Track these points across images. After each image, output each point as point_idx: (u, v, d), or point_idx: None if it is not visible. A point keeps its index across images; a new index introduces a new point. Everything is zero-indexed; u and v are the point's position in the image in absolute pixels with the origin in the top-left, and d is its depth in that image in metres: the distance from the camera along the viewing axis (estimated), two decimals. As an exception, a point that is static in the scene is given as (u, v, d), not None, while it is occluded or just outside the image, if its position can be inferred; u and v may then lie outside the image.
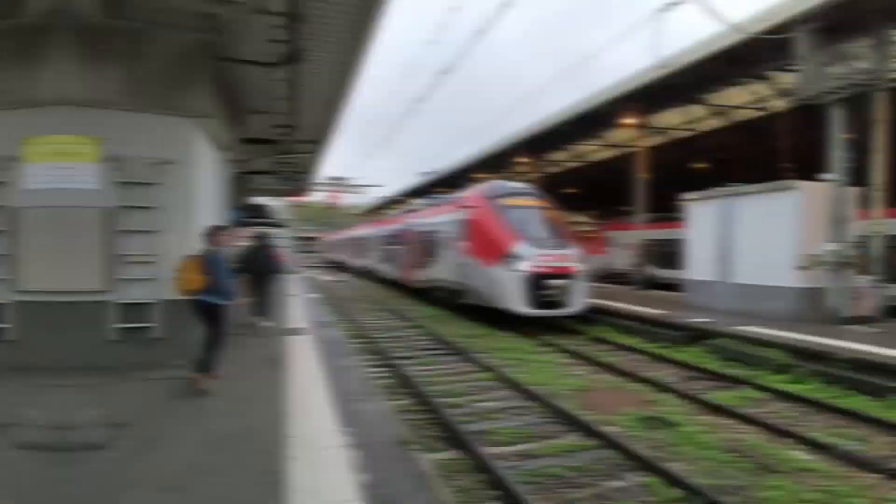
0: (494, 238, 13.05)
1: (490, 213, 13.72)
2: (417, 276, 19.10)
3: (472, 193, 15.57)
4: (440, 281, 16.31)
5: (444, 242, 15.95)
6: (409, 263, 20.73)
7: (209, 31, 6.97)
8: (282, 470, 3.86)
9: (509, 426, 6.05)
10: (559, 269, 12.41)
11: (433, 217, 17.84)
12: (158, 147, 6.80)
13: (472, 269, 13.60)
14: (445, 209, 16.74)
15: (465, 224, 14.41)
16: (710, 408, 6.77)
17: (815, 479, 4.75)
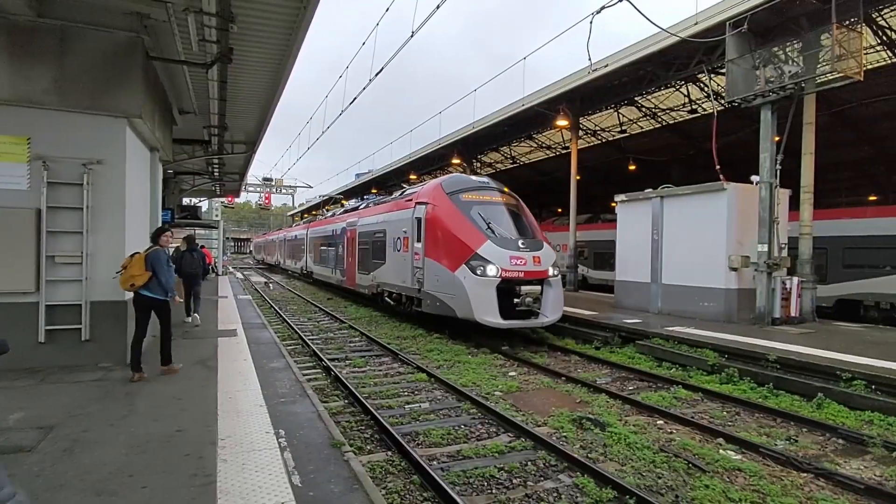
0: (457, 238, 11.24)
1: (450, 209, 11.86)
2: (363, 281, 17.25)
3: (427, 188, 13.39)
4: (391, 286, 14.56)
5: (395, 243, 14.18)
6: (352, 267, 18.79)
7: (139, 30, 6.83)
8: (212, 472, 3.92)
9: (442, 427, 6.18)
10: (532, 273, 11.01)
11: (381, 215, 15.88)
12: (87, 147, 6.65)
13: (431, 274, 11.94)
14: (396, 206, 14.72)
15: (420, 223, 12.52)
16: (642, 408, 6.97)
17: (744, 479, 4.91)
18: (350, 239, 19.15)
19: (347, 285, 19.56)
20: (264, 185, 48.36)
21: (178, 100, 10.71)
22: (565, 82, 16.73)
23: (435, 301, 11.81)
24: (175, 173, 18.42)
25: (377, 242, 15.80)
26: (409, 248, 13.16)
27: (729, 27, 11.20)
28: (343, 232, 20.25)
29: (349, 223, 19.51)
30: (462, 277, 10.85)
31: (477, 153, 26.46)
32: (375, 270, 15.86)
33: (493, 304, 10.55)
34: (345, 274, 19.79)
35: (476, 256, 10.83)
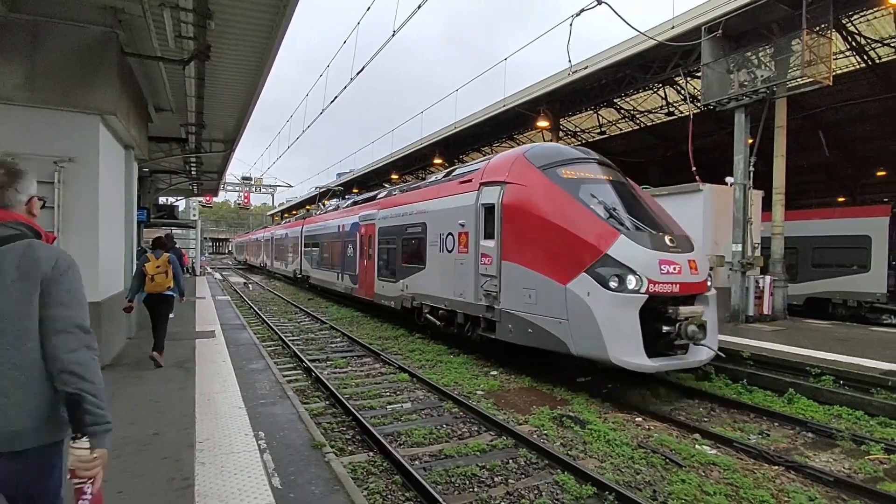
0: (568, 233, 7.60)
1: (550, 190, 8.23)
2: (386, 291, 13.57)
3: (499, 163, 9.61)
4: (436, 300, 10.89)
5: (443, 241, 10.66)
6: (368, 272, 15.04)
7: (113, 25, 6.69)
8: (190, 476, 3.87)
9: (424, 427, 6.18)
10: (690, 287, 7.41)
11: (417, 205, 12.23)
12: (59, 144, 6.48)
13: (516, 285, 8.38)
14: (443, 191, 11.19)
15: (493, 212, 8.96)
16: (621, 406, 7.10)
17: (719, 473, 5.04)
18: (365, 237, 15.42)
19: (361, 295, 15.67)
20: (243, 185, 47.79)
21: (154, 97, 10.51)
22: (546, 84, 16.88)
23: (523, 326, 8.14)
24: (151, 172, 18.05)
25: (411, 241, 12.30)
26: (468, 248, 9.63)
27: (704, 32, 11.47)
28: (354, 228, 16.50)
29: (364, 217, 15.73)
30: (582, 293, 7.11)
31: (459, 153, 26.51)
32: (408, 278, 12.23)
33: (635, 336, 6.82)
34: (356, 281, 16.00)
35: (606, 260, 7.11)
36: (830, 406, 6.92)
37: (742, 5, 10.69)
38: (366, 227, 15.50)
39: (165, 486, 3.69)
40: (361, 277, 15.70)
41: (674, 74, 15.29)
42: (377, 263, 14.44)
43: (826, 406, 6.95)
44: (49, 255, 1.84)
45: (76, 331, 1.81)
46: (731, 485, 4.80)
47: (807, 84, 10.78)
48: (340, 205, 21.59)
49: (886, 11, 12.87)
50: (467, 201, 9.91)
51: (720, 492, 4.61)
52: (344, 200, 23.44)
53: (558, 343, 7.52)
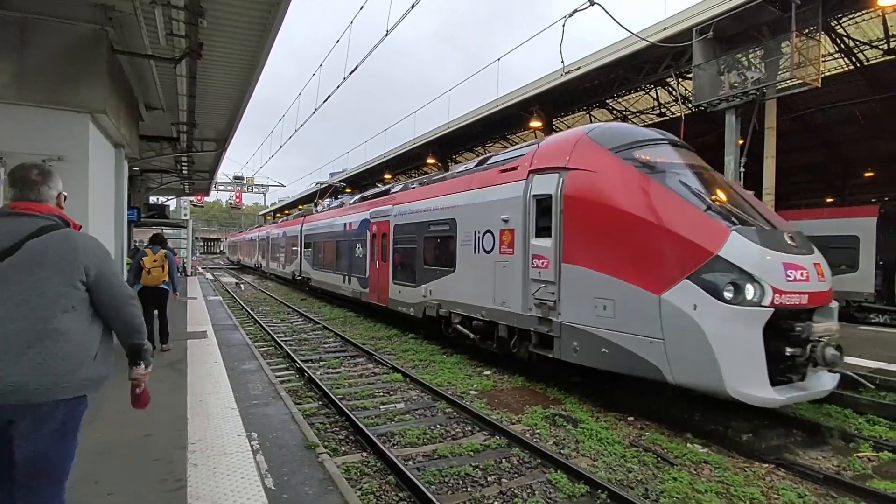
0: (663, 230, 6.07)
1: (633, 177, 6.73)
2: (404, 297, 12.06)
3: (557, 145, 8.05)
4: (470, 309, 9.32)
5: (479, 240, 9.11)
6: (381, 275, 13.45)
7: (103, 23, 6.63)
8: (182, 477, 3.84)
9: (417, 427, 6.18)
10: (819, 297, 6.00)
11: (444, 198, 10.54)
12: (48, 142, 6.41)
13: (585, 294, 6.88)
14: (478, 182, 9.50)
15: (552, 203, 7.45)
16: (613, 405, 7.04)
17: (710, 471, 5.07)
18: (377, 235, 13.87)
19: (372, 300, 14.11)
20: (235, 184, 47.58)
21: (145, 95, 10.42)
22: (538, 84, 16.91)
23: (595, 345, 6.67)
24: (142, 171, 17.92)
25: (435, 240, 10.89)
26: (514, 248, 8.16)
27: (695, 33, 11.55)
28: (364, 226, 14.99)
29: (376, 213, 14.13)
30: (685, 306, 5.65)
31: (452, 153, 26.51)
32: (431, 282, 10.80)
33: (758, 362, 5.44)
34: (366, 284, 14.53)
35: (716, 263, 5.64)
36: (819, 405, 6.99)
37: (733, 7, 10.78)
38: (378, 224, 13.86)
39: (157, 488, 3.66)
40: (373, 281, 14.02)
41: (665, 76, 15.38)
42: (392, 265, 12.79)
43: (815, 404, 7.02)
44: (86, 244, 2.32)
45: (133, 302, 2.46)
46: (722, 482, 4.84)
47: (796, 86, 10.89)
48: (346, 201, 19.79)
49: (874, 14, 13.03)
50: (512, 193, 8.33)
51: (711, 489, 4.66)
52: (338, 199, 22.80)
53: (648, 368, 6.01)
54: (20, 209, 2.27)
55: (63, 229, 2.29)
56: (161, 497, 3.55)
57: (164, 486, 3.69)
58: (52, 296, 2.15)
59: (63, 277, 2.19)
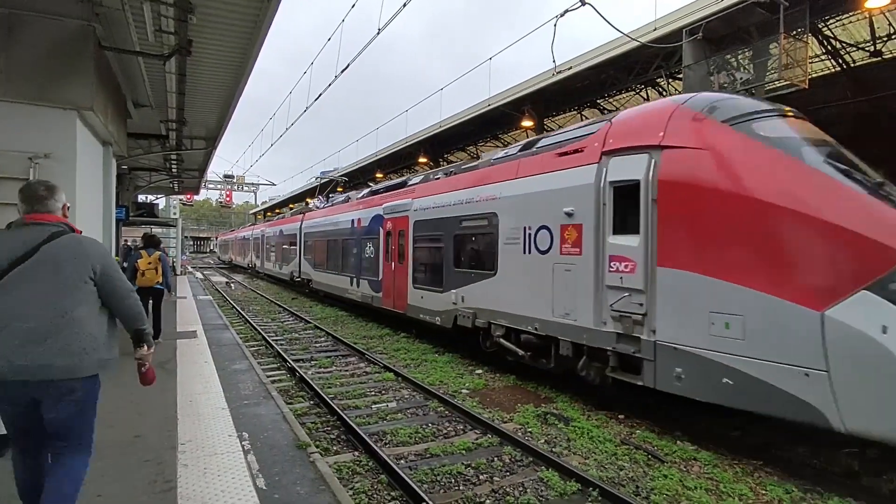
0: (827, 223, 4.74)
1: (766, 155, 5.43)
2: (430, 304, 10.59)
3: (639, 118, 6.71)
4: (518, 320, 7.96)
5: (529, 239, 7.77)
6: (398, 278, 12.09)
7: (90, 19, 6.53)
8: (172, 478, 3.81)
9: (409, 426, 6.18)
10: None
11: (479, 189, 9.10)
12: (34, 140, 6.31)
13: (700, 307, 5.46)
14: (534, 167, 7.93)
15: (641, 193, 6.07)
16: (605, 403, 7.05)
17: (699, 467, 5.15)
18: (393, 233, 12.49)
19: (386, 306, 12.74)
20: (225, 183, 47.22)
21: (133, 92, 10.29)
22: (530, 83, 16.96)
23: (712, 374, 5.31)
24: (130, 169, 17.70)
25: (470, 238, 9.56)
26: (581, 248, 6.78)
27: (685, 34, 11.64)
28: (376, 223, 13.57)
29: (391, 209, 12.70)
30: (867, 326, 4.37)
31: (444, 152, 26.51)
32: (465, 287, 9.39)
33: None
34: (379, 288, 13.12)
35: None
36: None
37: (722, 9, 10.87)
38: (394, 220, 12.45)
39: (147, 489, 3.63)
40: (387, 284, 12.63)
41: (656, 76, 15.49)
42: (412, 267, 11.42)
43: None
44: (91, 245, 2.79)
45: (133, 294, 2.91)
46: (712, 479, 4.91)
47: (784, 87, 11.01)
48: (352, 196, 18.18)
49: (861, 16, 13.20)
50: (577, 180, 6.94)
51: (701, 486, 4.71)
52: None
53: (799, 408, 4.65)
54: (33, 220, 2.71)
55: (70, 234, 2.73)
56: (151, 498, 3.52)
57: (154, 487, 3.66)
58: (67, 291, 2.60)
59: (75, 275, 2.63)
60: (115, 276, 2.79)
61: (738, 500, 4.50)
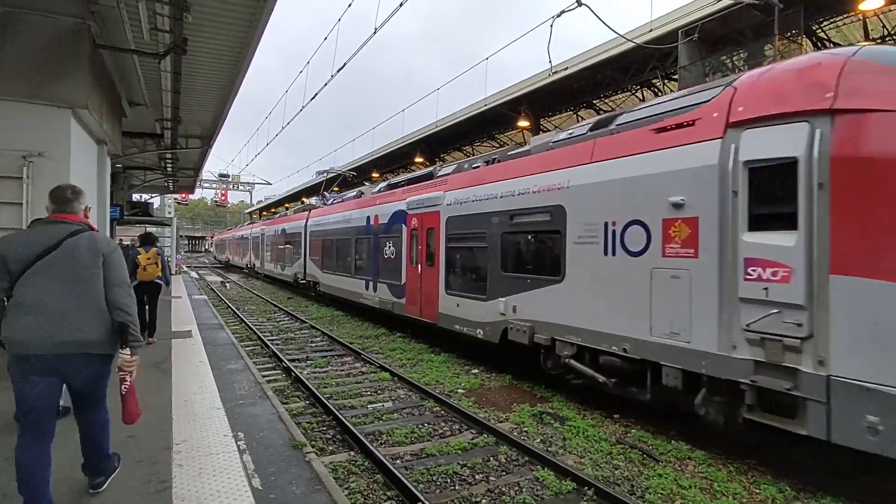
0: None
1: None
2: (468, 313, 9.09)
3: (798, 73, 4.96)
4: (612, 341, 6.33)
5: (621, 237, 6.31)
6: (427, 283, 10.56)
7: (85, 16, 6.51)
8: (167, 479, 3.80)
9: (405, 426, 6.17)
10: None
11: (548, 176, 7.52)
12: (28, 138, 6.30)
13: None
14: (617, 147, 6.55)
15: (811, 171, 4.49)
16: (600, 402, 7.03)
17: (694, 466, 5.16)
18: (420, 231, 10.94)
19: (411, 314, 11.17)
20: (220, 182, 47.06)
21: (128, 91, 10.25)
22: (526, 84, 16.97)
23: None
24: (124, 168, 17.59)
25: (525, 236, 8.09)
26: (699, 248, 5.37)
27: (681, 35, 11.68)
28: (397, 220, 12.01)
29: (417, 203, 11.13)
30: None
31: (440, 152, 26.51)
32: (518, 295, 7.92)
33: None
34: (401, 293, 11.63)
35: None
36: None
37: (717, 10, 10.92)
38: (420, 217, 10.93)
39: (141, 490, 3.62)
40: (412, 289, 11.19)
41: (652, 77, 15.54)
42: (444, 270, 9.93)
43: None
44: (104, 240, 3.24)
45: (124, 285, 3.23)
46: (706, 478, 4.93)
47: (779, 88, 11.06)
48: (364, 190, 16.64)
49: (855, 18, 13.28)
50: (690, 161, 5.48)
51: (695, 485, 4.73)
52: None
53: None
54: (59, 218, 3.19)
55: (88, 232, 3.20)
56: (146, 499, 3.50)
57: (148, 488, 3.65)
58: (83, 279, 3.06)
59: (90, 266, 3.09)
60: (114, 266, 3.19)
61: (732, 499, 4.52)
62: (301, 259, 20.47)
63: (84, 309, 3.04)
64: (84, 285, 3.06)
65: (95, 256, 3.10)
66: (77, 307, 3.02)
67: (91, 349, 3.09)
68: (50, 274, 2.99)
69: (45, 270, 2.98)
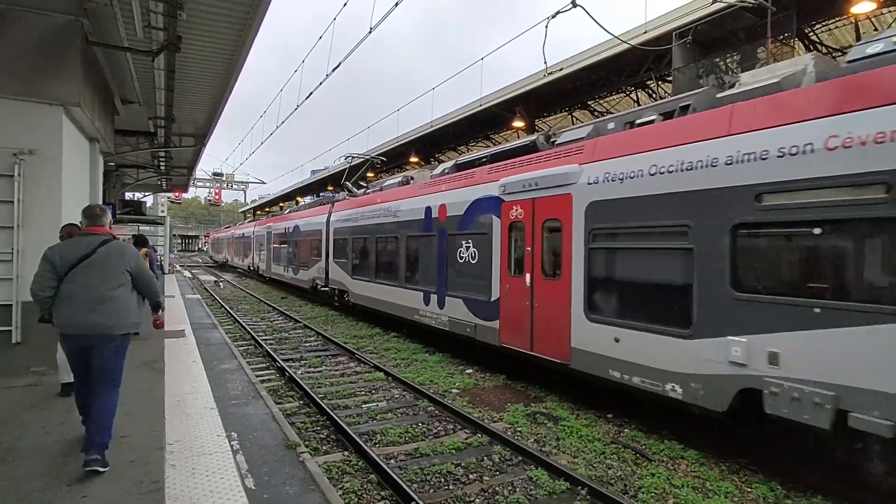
0: None
1: None
2: (651, 357, 5.78)
3: None
4: None
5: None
6: (550, 302, 7.26)
7: (78, 14, 6.46)
8: (159, 479, 3.78)
9: (399, 426, 6.16)
10: None
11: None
12: (20, 136, 6.25)
13: None
14: None
15: None
16: (594, 402, 7.03)
17: (686, 465, 5.19)
18: (527, 226, 7.80)
19: (512, 345, 7.94)
20: (214, 181, 46.81)
21: (121, 88, 10.18)
22: (522, 84, 16.99)
23: None
24: (117, 166, 17.48)
25: (807, 228, 4.54)
26: None
27: (675, 37, 11.75)
28: (486, 210, 8.67)
29: (520, 185, 7.95)
30: None
31: (436, 152, 26.50)
32: (779, 336, 4.63)
33: None
34: (494, 313, 8.34)
35: None
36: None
37: (711, 13, 10.98)
38: (531, 204, 7.69)
39: (134, 490, 3.59)
40: (513, 309, 7.92)
41: (646, 78, 15.60)
42: (584, 283, 6.71)
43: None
44: (128, 248, 4.28)
45: (154, 281, 4.37)
46: (698, 477, 4.96)
47: (771, 90, 11.14)
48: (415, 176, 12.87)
49: (847, 21, 13.39)
50: None
51: (688, 484, 4.76)
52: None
53: None
54: (91, 231, 4.16)
55: (114, 241, 4.18)
56: (138, 499, 3.48)
57: (140, 488, 3.62)
58: (112, 277, 4.01)
59: (117, 268, 4.05)
60: (144, 270, 4.27)
61: (724, 498, 4.55)
62: (321, 262, 17.10)
63: (110, 300, 3.95)
64: (112, 282, 3.99)
65: (122, 261, 4.07)
66: (106, 298, 3.93)
67: (113, 331, 3.97)
68: (87, 274, 3.93)
69: (84, 271, 3.93)
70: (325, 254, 16.86)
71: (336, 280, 15.78)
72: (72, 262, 3.92)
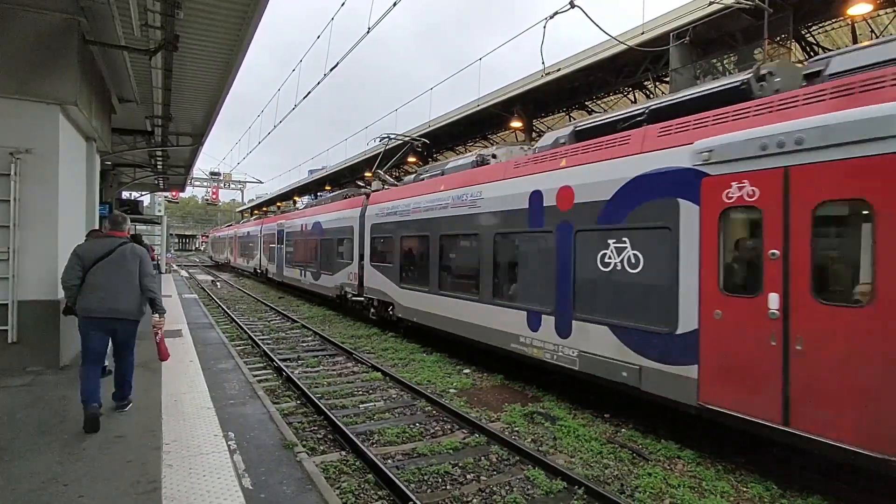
0: None
1: None
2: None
3: None
4: None
5: None
6: (829, 339, 4.16)
7: (75, 12, 6.44)
8: (156, 479, 3.77)
9: (397, 426, 6.17)
10: None
11: None
12: (16, 134, 6.23)
13: None
14: None
15: None
16: (591, 402, 7.05)
17: (683, 465, 5.21)
18: (770, 216, 4.60)
19: (754, 416, 4.68)
20: (212, 180, 46.68)
21: (118, 87, 10.14)
22: (519, 84, 17.02)
23: None
24: (114, 165, 17.40)
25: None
26: None
27: (672, 38, 11.77)
28: (657, 192, 5.64)
29: (750, 149, 4.74)
30: None
31: (433, 152, 26.48)
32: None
33: None
34: (691, 354, 5.21)
35: None
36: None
37: (708, 14, 11.01)
38: (773, 178, 4.62)
39: (130, 490, 3.58)
40: (738, 352, 4.83)
41: (643, 79, 15.63)
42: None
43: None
44: (140, 249, 5.13)
45: (151, 276, 5.13)
46: (695, 477, 4.98)
47: (768, 91, 11.17)
48: (496, 155, 10.01)
49: (844, 23, 13.44)
50: None
51: (684, 484, 4.78)
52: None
53: None
54: (113, 234, 5.13)
55: (130, 243, 5.08)
56: (134, 499, 3.47)
57: (137, 488, 3.62)
58: (129, 273, 4.93)
59: (132, 264, 4.97)
60: (145, 264, 5.07)
61: (720, 498, 4.56)
62: (352, 265, 14.35)
63: (127, 290, 4.89)
64: (128, 276, 4.91)
65: (135, 258, 4.99)
66: (123, 289, 4.87)
67: (129, 316, 4.95)
68: (108, 268, 4.84)
69: (105, 266, 4.85)
70: (357, 256, 14.04)
71: (375, 289, 12.81)
72: (95, 258, 4.84)
